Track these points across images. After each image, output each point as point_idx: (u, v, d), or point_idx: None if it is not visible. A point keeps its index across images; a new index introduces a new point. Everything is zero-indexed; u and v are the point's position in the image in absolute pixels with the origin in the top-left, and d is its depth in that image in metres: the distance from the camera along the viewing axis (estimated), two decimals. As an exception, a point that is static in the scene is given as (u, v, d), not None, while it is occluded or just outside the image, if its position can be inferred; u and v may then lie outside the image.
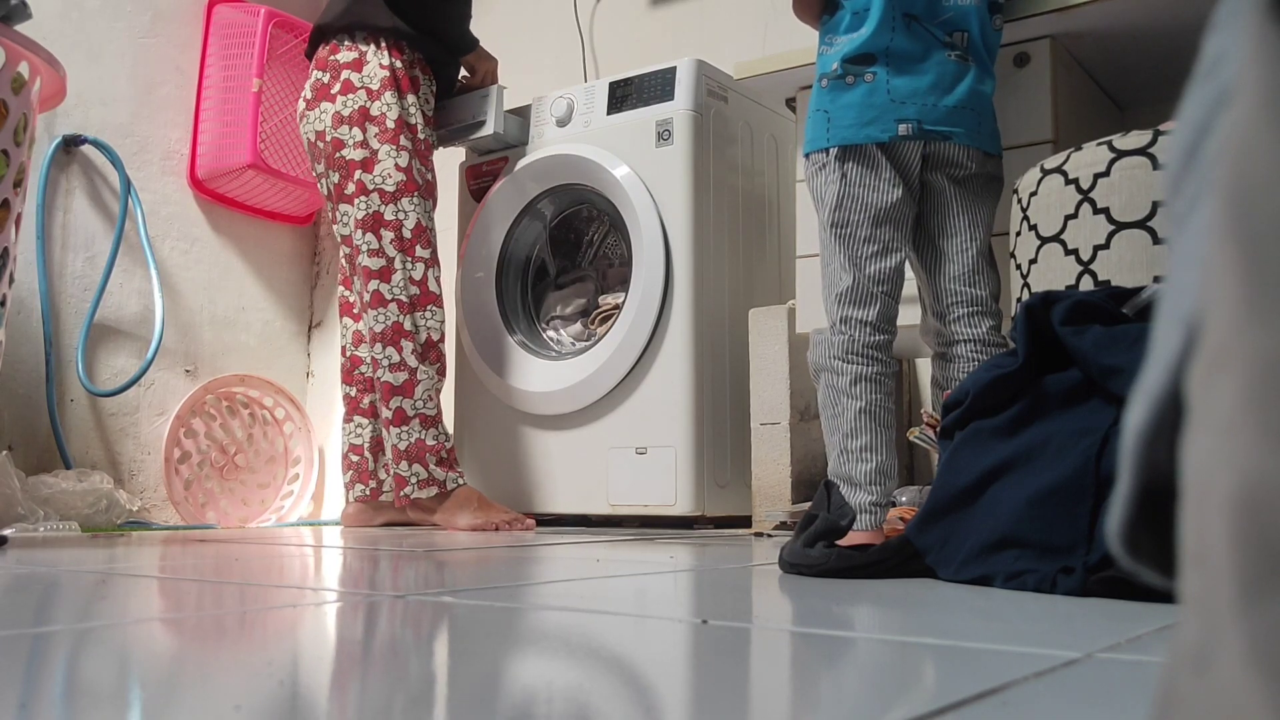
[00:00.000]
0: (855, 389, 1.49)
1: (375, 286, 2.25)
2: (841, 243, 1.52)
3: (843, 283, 1.51)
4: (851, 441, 1.48)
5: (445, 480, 2.22)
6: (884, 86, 1.50)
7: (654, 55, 2.72)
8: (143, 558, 1.45)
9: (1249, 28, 0.22)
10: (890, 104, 1.49)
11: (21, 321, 2.54)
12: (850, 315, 1.50)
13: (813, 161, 1.57)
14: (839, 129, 1.52)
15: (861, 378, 1.49)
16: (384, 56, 2.27)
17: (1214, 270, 0.22)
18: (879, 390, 1.50)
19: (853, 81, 1.51)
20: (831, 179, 1.53)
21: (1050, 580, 0.96)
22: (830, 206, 1.53)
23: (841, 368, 1.50)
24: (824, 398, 1.54)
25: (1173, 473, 0.24)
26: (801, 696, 0.54)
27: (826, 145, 1.53)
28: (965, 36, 1.52)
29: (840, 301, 1.51)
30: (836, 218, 1.52)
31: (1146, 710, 0.47)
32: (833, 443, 1.51)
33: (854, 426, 1.48)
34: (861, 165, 1.51)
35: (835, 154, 1.52)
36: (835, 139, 1.52)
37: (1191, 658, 0.22)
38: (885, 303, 1.51)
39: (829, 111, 1.53)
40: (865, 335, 1.50)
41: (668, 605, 0.91)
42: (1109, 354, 0.99)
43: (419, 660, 0.64)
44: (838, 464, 1.50)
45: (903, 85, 1.50)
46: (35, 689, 0.55)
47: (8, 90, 1.70)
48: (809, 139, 1.57)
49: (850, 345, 1.50)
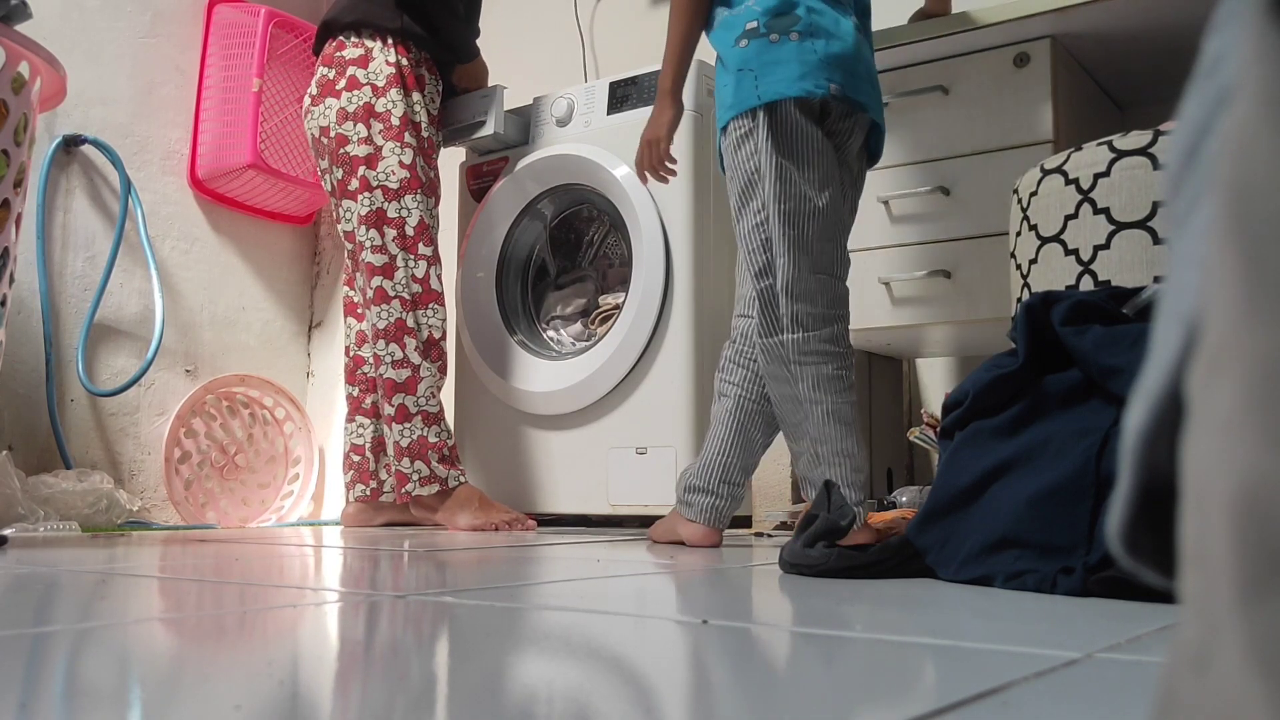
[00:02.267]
0: (817, 393, 1.41)
1: (378, 283, 2.25)
2: (784, 221, 1.40)
3: (787, 272, 1.41)
4: (822, 447, 1.42)
5: (447, 478, 2.22)
6: (810, 46, 1.41)
7: (654, 55, 2.71)
8: (143, 558, 1.45)
9: (1249, 28, 0.22)
10: (820, 64, 1.41)
11: (21, 321, 2.54)
12: (800, 310, 1.42)
13: (733, 130, 1.45)
14: (769, 84, 1.40)
15: (823, 377, 1.41)
16: (390, 53, 2.27)
17: (1214, 270, 0.22)
18: (842, 385, 1.42)
19: (777, 39, 1.42)
20: (762, 147, 1.40)
21: (1050, 580, 0.96)
22: (770, 177, 1.40)
23: (800, 373, 1.42)
24: (784, 405, 1.45)
25: (1173, 473, 0.24)
26: (802, 697, 0.54)
27: (755, 104, 1.41)
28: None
29: (788, 296, 1.41)
30: (776, 190, 1.40)
31: (1146, 710, 0.47)
32: (800, 449, 1.45)
33: (822, 432, 1.41)
34: (792, 130, 1.40)
35: (763, 116, 1.41)
36: (767, 94, 1.40)
37: (1191, 658, 0.22)
38: (836, 284, 1.44)
39: (754, 69, 1.42)
40: (822, 328, 1.42)
41: (668, 605, 0.91)
42: (1109, 354, 0.99)
43: (420, 660, 0.64)
44: (809, 466, 1.44)
45: (829, 47, 1.42)
46: (35, 689, 0.55)
47: (8, 90, 1.70)
48: (728, 104, 1.45)
49: (806, 345, 1.42)
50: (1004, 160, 1.74)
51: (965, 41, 1.80)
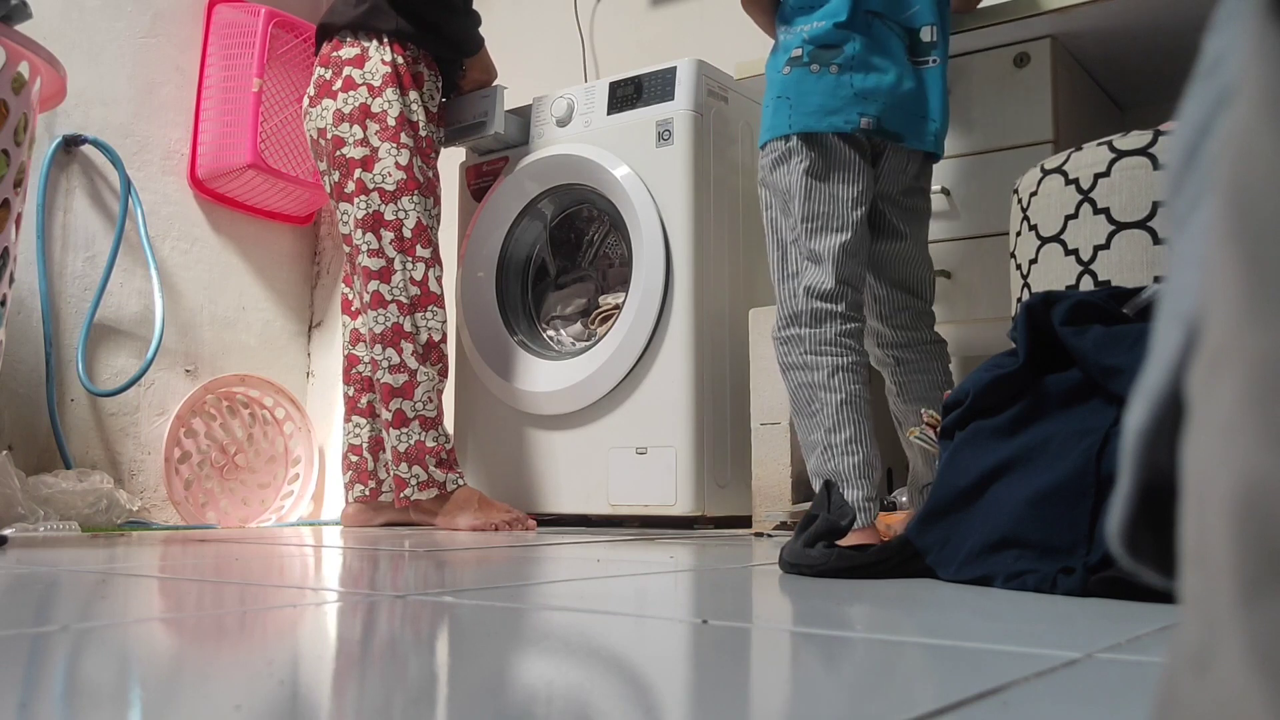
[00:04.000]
0: (833, 381, 1.47)
1: (375, 287, 2.25)
2: (812, 235, 1.50)
3: (812, 275, 1.50)
4: (835, 436, 1.45)
5: (445, 482, 2.22)
6: (848, 80, 1.48)
7: (654, 55, 2.72)
8: (143, 558, 1.45)
9: (1249, 28, 0.22)
10: (854, 98, 1.48)
11: (21, 321, 2.54)
12: (821, 307, 1.49)
13: (770, 150, 1.55)
14: (800, 116, 1.50)
15: (839, 369, 1.47)
16: (386, 52, 2.27)
17: (1214, 270, 0.22)
18: (857, 380, 1.48)
19: (817, 70, 1.49)
20: (795, 168, 1.51)
21: (1050, 580, 0.96)
22: (799, 198, 1.51)
23: (816, 361, 1.48)
24: (799, 396, 1.51)
25: (1173, 473, 0.24)
26: (801, 697, 0.54)
27: (788, 132, 1.51)
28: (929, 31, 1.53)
29: (810, 294, 1.50)
30: (806, 209, 1.50)
31: (1146, 710, 0.47)
32: (813, 441, 1.48)
33: (836, 421, 1.46)
34: (826, 154, 1.49)
35: (797, 141, 1.50)
36: (797, 126, 1.50)
37: (1191, 658, 0.22)
38: (854, 294, 1.51)
39: (790, 99, 1.51)
40: (839, 325, 1.48)
41: (668, 605, 0.91)
42: (1109, 354, 0.99)
43: (419, 660, 0.64)
44: (821, 462, 1.47)
45: (865, 81, 1.48)
46: (35, 689, 0.55)
47: (8, 90, 1.70)
48: (767, 126, 1.55)
49: (823, 337, 1.48)
50: (1004, 160, 1.74)
51: (965, 41, 1.80)
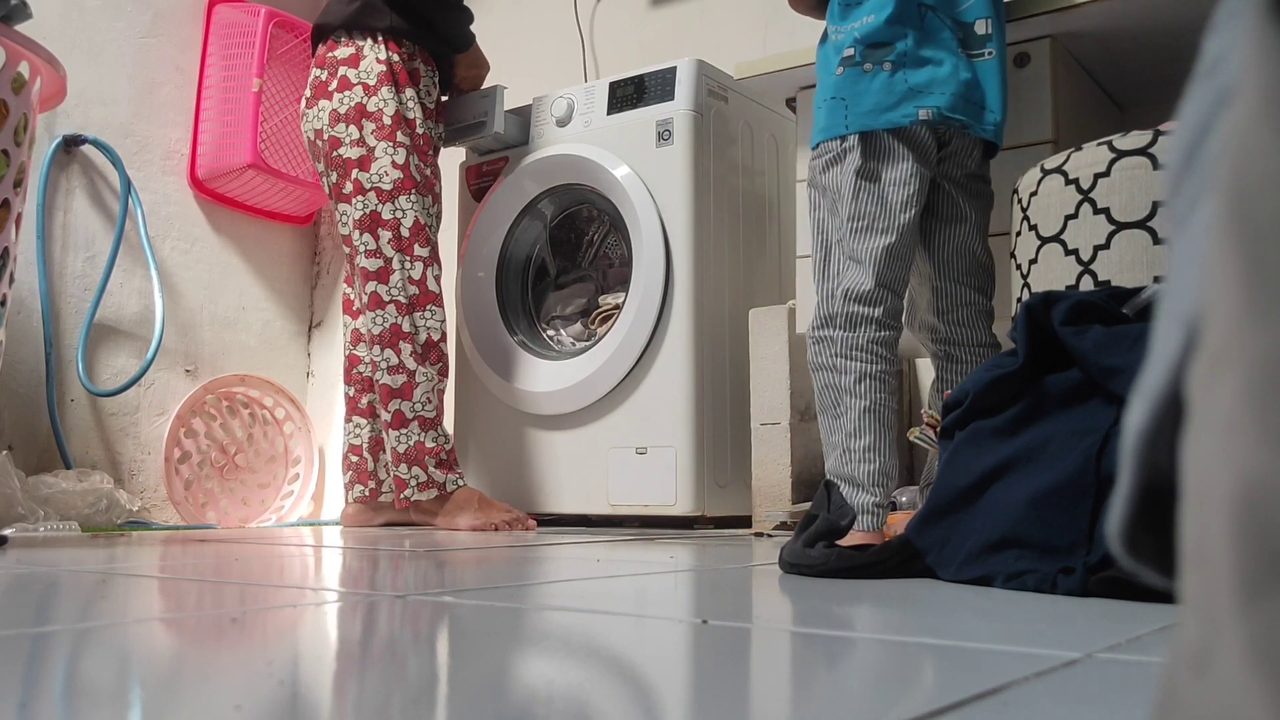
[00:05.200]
0: (860, 387, 1.46)
1: (373, 288, 2.25)
2: (856, 235, 1.49)
3: (852, 278, 1.49)
4: (855, 441, 1.45)
5: (445, 482, 2.22)
6: (902, 77, 1.47)
7: (654, 55, 2.72)
8: (143, 558, 1.45)
9: (1249, 28, 0.22)
10: (909, 93, 1.47)
11: (21, 321, 2.54)
12: (857, 311, 1.48)
13: (824, 151, 1.54)
14: (856, 116, 1.48)
15: (866, 375, 1.46)
16: (381, 50, 2.27)
17: (1214, 270, 0.22)
18: (884, 389, 1.47)
19: (870, 70, 1.48)
20: (848, 169, 1.49)
21: (1050, 580, 0.96)
22: (847, 198, 1.49)
23: (846, 365, 1.47)
24: (824, 396, 1.51)
25: (1173, 473, 0.24)
26: (801, 697, 0.54)
27: (844, 132, 1.50)
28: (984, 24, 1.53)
29: (847, 298, 1.48)
30: (853, 210, 1.49)
31: (1146, 710, 0.47)
32: (834, 443, 1.49)
33: (857, 426, 1.45)
34: (881, 154, 1.48)
35: (855, 140, 1.48)
36: (854, 126, 1.48)
37: (1191, 658, 0.22)
38: (894, 299, 1.49)
39: (845, 99, 1.50)
40: (872, 331, 1.47)
41: (668, 605, 0.91)
42: (1109, 354, 0.99)
43: (419, 660, 0.64)
44: (839, 464, 1.47)
45: (919, 75, 1.47)
46: (35, 689, 0.55)
47: (8, 90, 1.70)
48: (821, 127, 1.54)
49: (855, 342, 1.47)
50: (1004, 160, 1.74)
51: (965, 41, 1.80)
